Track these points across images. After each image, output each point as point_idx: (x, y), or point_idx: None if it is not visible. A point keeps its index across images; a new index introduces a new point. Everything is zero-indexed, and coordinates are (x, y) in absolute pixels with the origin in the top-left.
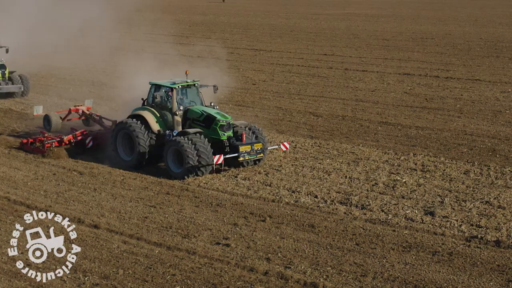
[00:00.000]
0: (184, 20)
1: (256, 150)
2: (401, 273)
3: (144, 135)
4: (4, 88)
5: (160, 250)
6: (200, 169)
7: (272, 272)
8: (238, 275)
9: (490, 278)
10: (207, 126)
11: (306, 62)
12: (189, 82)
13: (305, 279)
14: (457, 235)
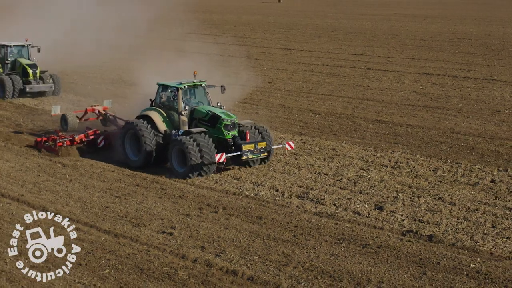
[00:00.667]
0: (231, 20)
1: (260, 149)
2: (322, 264)
3: (150, 135)
4: (35, 87)
5: (106, 237)
6: (203, 169)
7: (201, 260)
8: (167, 262)
9: (406, 271)
10: (212, 126)
11: (332, 61)
12: (195, 83)
13: (228, 266)
14: (395, 229)
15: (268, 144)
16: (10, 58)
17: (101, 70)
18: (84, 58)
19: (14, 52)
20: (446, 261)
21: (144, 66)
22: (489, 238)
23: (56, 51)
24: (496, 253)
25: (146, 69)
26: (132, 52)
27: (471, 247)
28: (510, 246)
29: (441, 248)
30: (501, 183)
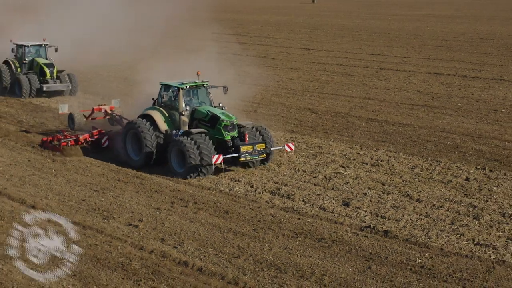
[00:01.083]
0: (261, 20)
1: (258, 151)
2: (272, 257)
3: (151, 135)
4: (52, 86)
5: (74, 228)
6: (202, 170)
7: (157, 251)
8: (125, 253)
9: (352, 264)
10: (212, 126)
11: (347, 61)
12: (197, 83)
13: (181, 258)
14: (354, 225)
15: (267, 146)
16: (27, 58)
17: (118, 69)
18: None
19: (32, 52)
20: (395, 256)
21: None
22: (444, 234)
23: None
24: (446, 249)
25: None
26: (154, 52)
27: (423, 242)
28: (463, 242)
29: (393, 244)
30: (474, 181)
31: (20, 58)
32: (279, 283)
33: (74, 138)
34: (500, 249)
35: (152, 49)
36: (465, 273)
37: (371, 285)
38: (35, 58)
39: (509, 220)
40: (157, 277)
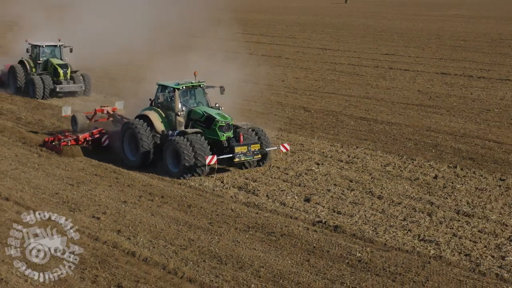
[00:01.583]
0: (287, 20)
1: (253, 151)
2: (218, 249)
3: (147, 135)
4: (65, 87)
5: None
6: (196, 170)
7: (110, 242)
8: (80, 243)
9: (293, 257)
10: (208, 127)
11: (359, 61)
12: (193, 83)
13: (130, 248)
14: (308, 220)
15: (261, 146)
16: (42, 58)
17: (130, 69)
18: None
19: (47, 52)
20: (336, 250)
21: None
22: (392, 230)
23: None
24: (389, 244)
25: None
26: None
27: (369, 237)
28: (408, 238)
29: (339, 238)
30: (442, 179)
31: (35, 58)
32: (216, 273)
33: (74, 138)
34: (442, 245)
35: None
36: (399, 267)
37: (303, 277)
38: (50, 59)
39: (461, 217)
40: (102, 266)
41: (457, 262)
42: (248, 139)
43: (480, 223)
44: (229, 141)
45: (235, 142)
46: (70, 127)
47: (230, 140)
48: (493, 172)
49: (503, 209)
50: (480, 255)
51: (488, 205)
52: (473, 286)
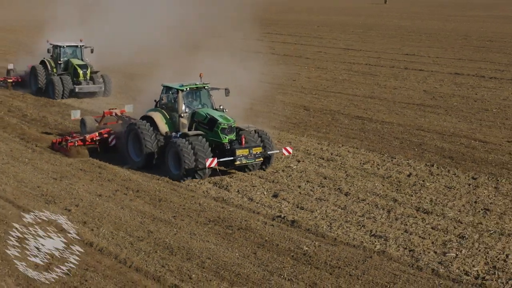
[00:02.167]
0: (320, 20)
1: (254, 154)
2: (173, 240)
3: (151, 136)
4: (84, 88)
5: (14, 211)
6: (197, 172)
7: (71, 231)
8: (43, 232)
9: (242, 250)
10: (210, 129)
11: (377, 61)
12: (198, 85)
13: (89, 239)
14: (269, 215)
15: (264, 149)
16: (63, 59)
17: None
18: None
19: (68, 53)
20: (286, 244)
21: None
22: (347, 225)
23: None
24: (339, 239)
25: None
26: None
27: (321, 232)
28: (360, 233)
29: (293, 232)
30: (415, 177)
31: (56, 59)
32: (163, 263)
33: (81, 138)
34: (390, 241)
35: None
36: (341, 261)
37: (245, 269)
38: (70, 59)
39: (419, 214)
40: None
41: (398, 257)
42: (251, 142)
43: (435, 220)
44: (231, 144)
45: (238, 144)
46: (69, 126)
47: (232, 142)
48: (468, 171)
49: (464, 207)
50: (423, 251)
51: (450, 203)
52: (406, 280)
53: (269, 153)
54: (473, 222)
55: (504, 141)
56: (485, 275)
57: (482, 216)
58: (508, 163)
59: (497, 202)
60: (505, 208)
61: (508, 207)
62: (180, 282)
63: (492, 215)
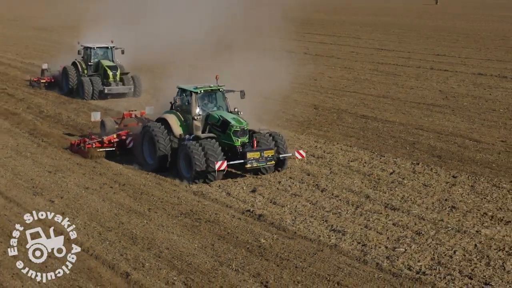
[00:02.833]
0: (365, 21)
1: (266, 157)
2: (139, 231)
3: (164, 139)
4: (113, 89)
5: (2, 202)
6: (208, 176)
7: (47, 222)
8: (21, 222)
9: (201, 240)
10: (223, 131)
11: (406, 61)
12: (212, 87)
13: (60, 228)
14: (240, 208)
15: (278, 152)
16: (93, 60)
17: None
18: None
19: (99, 54)
20: (245, 236)
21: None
22: (310, 220)
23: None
24: (299, 233)
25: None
26: (232, 51)
27: (284, 226)
28: (321, 227)
29: (257, 226)
30: (396, 175)
31: (87, 60)
32: (122, 252)
33: (99, 140)
34: (347, 235)
35: (224, 48)
36: (292, 253)
37: (198, 259)
38: (101, 60)
39: (386, 211)
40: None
41: (348, 251)
42: (264, 145)
43: (399, 217)
44: (244, 147)
45: (250, 147)
46: (81, 122)
47: (245, 145)
48: (451, 170)
49: (433, 204)
50: (375, 246)
51: (420, 201)
52: (348, 273)
53: (281, 157)
54: (435, 219)
55: (499, 141)
56: (426, 270)
57: (447, 214)
58: (493, 163)
59: (467, 200)
60: (473, 206)
61: (476, 205)
62: (132, 270)
63: (456, 213)
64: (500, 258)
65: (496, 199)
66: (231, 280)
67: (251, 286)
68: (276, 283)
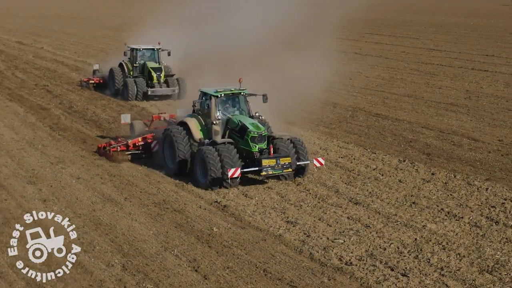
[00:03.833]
0: (430, 21)
1: (282, 165)
2: (107, 218)
3: (184, 143)
4: (157, 91)
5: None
6: (223, 183)
7: (25, 207)
8: (3, 207)
9: (160, 227)
10: (241, 137)
11: (450, 61)
12: (233, 91)
13: (36, 212)
14: (210, 199)
15: (298, 159)
16: (139, 62)
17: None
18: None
19: (146, 56)
20: (202, 225)
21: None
22: (269, 211)
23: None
24: (253, 223)
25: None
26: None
27: (241, 216)
28: (278, 219)
29: (217, 216)
30: (376, 171)
31: (133, 61)
32: (80, 236)
33: (124, 143)
34: (296, 226)
35: (273, 47)
36: (236, 242)
37: (147, 244)
38: (146, 62)
39: (347, 204)
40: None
41: (289, 241)
42: (284, 151)
43: (356, 210)
44: (261, 153)
45: (268, 154)
46: (104, 117)
47: (262, 152)
48: (434, 167)
49: (397, 200)
50: (317, 237)
51: (385, 195)
52: (278, 261)
53: (297, 164)
54: (389, 214)
55: (496, 140)
56: (354, 261)
57: (404, 209)
58: (479, 161)
59: (431, 196)
60: (434, 202)
61: (437, 201)
62: (83, 253)
63: (414, 208)
64: (432, 252)
65: (461, 196)
66: (167, 265)
67: (184, 270)
68: (207, 268)
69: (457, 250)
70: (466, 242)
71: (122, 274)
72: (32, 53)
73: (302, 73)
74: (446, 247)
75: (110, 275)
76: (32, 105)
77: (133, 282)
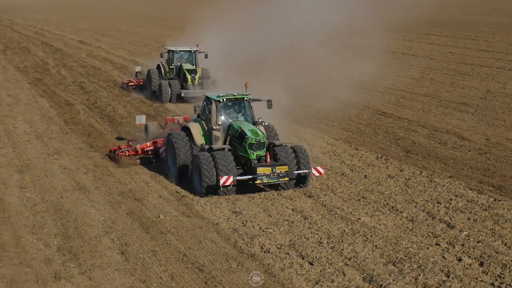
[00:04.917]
0: (498, 22)
1: (278, 174)
2: (74, 207)
3: (185, 148)
4: (190, 92)
5: None
6: (217, 190)
7: (4, 201)
8: None
9: (113, 216)
10: (240, 143)
11: (492, 62)
12: (236, 96)
13: (16, 204)
14: (173, 190)
15: (291, 169)
16: (175, 63)
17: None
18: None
19: (184, 58)
20: (153, 212)
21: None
22: (222, 202)
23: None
24: (201, 213)
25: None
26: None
27: (194, 206)
28: (224, 209)
29: (172, 205)
30: (346, 167)
31: (169, 63)
32: (36, 220)
33: (133, 148)
34: (239, 216)
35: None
36: (174, 228)
37: (93, 229)
38: (182, 64)
39: (301, 198)
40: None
41: (222, 229)
42: (283, 159)
43: (304, 203)
44: (259, 160)
45: (265, 162)
46: (119, 112)
47: (261, 159)
48: (405, 164)
49: (350, 194)
50: (252, 226)
51: (344, 190)
52: (202, 247)
53: (298, 173)
54: (333, 207)
55: (484, 139)
56: (272, 250)
57: (351, 203)
58: (454, 159)
59: (385, 192)
60: (383, 197)
61: (387, 196)
62: (27, 233)
63: (361, 202)
64: (351, 243)
65: (414, 192)
66: (97, 246)
67: (111, 252)
68: (133, 250)
69: (376, 242)
70: (390, 235)
71: (54, 254)
72: (87, 52)
73: (337, 73)
74: (368, 239)
75: (43, 255)
76: (59, 101)
77: (60, 261)
